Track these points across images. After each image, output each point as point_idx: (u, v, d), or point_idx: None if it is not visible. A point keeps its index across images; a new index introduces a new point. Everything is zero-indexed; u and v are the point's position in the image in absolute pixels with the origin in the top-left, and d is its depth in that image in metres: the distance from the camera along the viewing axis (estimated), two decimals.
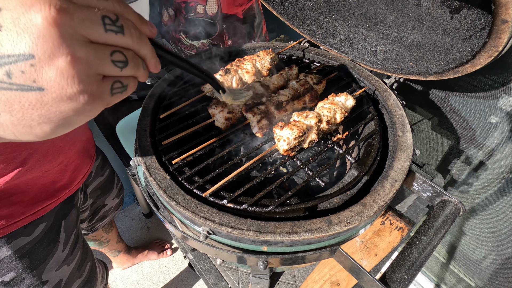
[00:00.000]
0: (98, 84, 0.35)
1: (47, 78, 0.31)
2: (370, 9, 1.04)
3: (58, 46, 0.30)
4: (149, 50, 0.40)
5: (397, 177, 0.71)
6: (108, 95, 0.37)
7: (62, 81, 0.31)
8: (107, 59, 0.35)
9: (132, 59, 0.38)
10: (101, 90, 0.35)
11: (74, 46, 0.31)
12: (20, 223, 0.80)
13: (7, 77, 0.30)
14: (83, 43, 0.32)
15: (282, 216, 0.65)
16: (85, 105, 0.34)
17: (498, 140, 1.13)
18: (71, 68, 0.31)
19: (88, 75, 0.33)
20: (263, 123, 0.78)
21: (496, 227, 1.29)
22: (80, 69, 0.32)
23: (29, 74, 0.30)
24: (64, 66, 0.31)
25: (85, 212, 1.22)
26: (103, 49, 0.34)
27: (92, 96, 0.34)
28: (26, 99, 0.32)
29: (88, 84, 0.33)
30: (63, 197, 0.93)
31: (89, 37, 0.33)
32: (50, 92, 0.32)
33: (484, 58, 0.74)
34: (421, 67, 0.94)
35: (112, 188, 1.34)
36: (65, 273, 0.95)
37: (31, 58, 0.30)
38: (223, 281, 1.13)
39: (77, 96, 0.33)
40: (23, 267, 0.82)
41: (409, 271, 0.59)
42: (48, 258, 0.88)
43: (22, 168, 0.74)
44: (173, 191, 0.67)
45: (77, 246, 1.01)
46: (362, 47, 1.10)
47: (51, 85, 0.31)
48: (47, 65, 0.30)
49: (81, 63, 0.32)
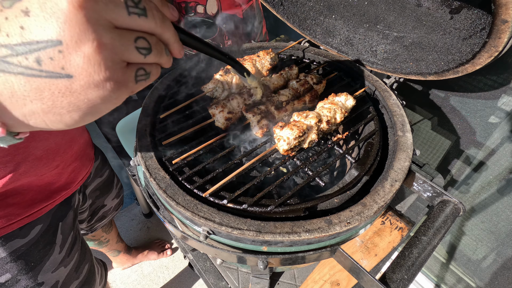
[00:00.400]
0: (123, 71, 0.34)
1: (75, 64, 0.31)
2: (370, 9, 1.04)
3: (84, 31, 0.30)
4: (172, 34, 0.39)
5: (397, 177, 0.71)
6: (132, 82, 0.36)
7: (89, 68, 0.31)
8: (131, 46, 0.34)
9: (155, 45, 0.37)
10: (126, 77, 0.35)
11: (99, 31, 0.31)
12: (15, 225, 0.79)
13: (37, 64, 0.30)
14: (108, 28, 0.32)
15: (282, 216, 0.65)
16: (111, 93, 0.34)
17: (498, 140, 1.13)
18: (98, 55, 0.31)
19: (114, 61, 0.33)
20: (263, 123, 0.78)
21: (496, 227, 1.29)
22: (106, 55, 0.32)
23: (57, 61, 0.30)
24: (91, 52, 0.31)
25: (84, 213, 1.22)
26: (128, 35, 0.34)
27: (117, 84, 0.34)
28: (55, 86, 0.31)
29: (114, 71, 0.33)
30: (60, 199, 0.92)
31: (113, 21, 0.32)
32: (78, 79, 0.32)
33: (484, 58, 0.74)
34: (421, 67, 0.94)
35: (111, 189, 1.33)
36: (61, 274, 0.94)
37: (59, 44, 0.29)
38: (223, 281, 1.13)
39: (104, 83, 0.33)
40: (18, 268, 0.82)
41: (409, 271, 0.59)
42: (44, 260, 0.88)
43: (16, 172, 0.74)
44: (173, 191, 0.67)
45: (74, 248, 1.01)
46: (362, 47, 1.10)
47: (79, 72, 0.31)
48: (75, 51, 0.30)
49: (106, 49, 0.32)
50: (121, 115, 1.43)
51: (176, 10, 0.42)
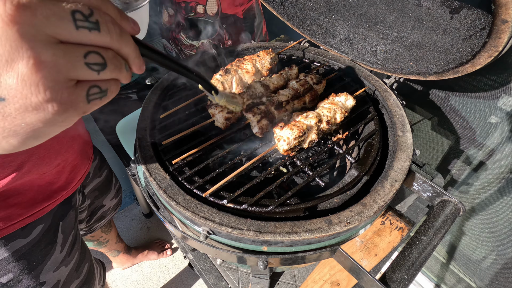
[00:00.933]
0: (69, 91, 0.30)
1: (7, 86, 0.27)
2: (370, 9, 1.04)
3: (17, 49, 0.26)
4: (132, 49, 0.36)
5: (397, 177, 0.71)
6: (83, 102, 0.32)
7: (24, 90, 0.27)
8: (79, 62, 0.30)
9: (112, 60, 0.33)
10: (74, 98, 0.31)
11: (37, 48, 0.27)
12: (17, 225, 0.79)
13: None
14: (49, 44, 0.28)
15: (282, 216, 0.65)
16: (56, 116, 0.30)
17: (498, 140, 1.13)
18: (34, 74, 0.27)
19: (56, 81, 0.29)
20: (263, 123, 0.78)
21: (496, 227, 1.29)
22: (45, 74, 0.28)
23: None
24: (26, 72, 0.27)
25: (83, 213, 1.22)
26: (75, 50, 0.30)
27: (63, 105, 0.30)
28: None
29: (56, 91, 0.29)
30: (60, 198, 0.92)
31: (57, 36, 0.28)
32: (12, 102, 0.28)
33: (484, 58, 0.74)
34: (421, 67, 0.94)
35: (110, 189, 1.33)
36: (63, 274, 0.94)
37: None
38: (223, 281, 1.13)
39: (44, 105, 0.29)
40: (20, 268, 0.82)
41: (409, 271, 0.59)
42: (45, 259, 0.88)
43: (19, 171, 0.74)
44: (173, 191, 0.67)
45: (75, 247, 1.01)
46: (362, 47, 1.10)
47: (12, 94, 0.28)
48: (5, 71, 0.27)
49: (46, 68, 0.28)
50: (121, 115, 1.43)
51: (137, 23, 0.38)
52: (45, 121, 0.30)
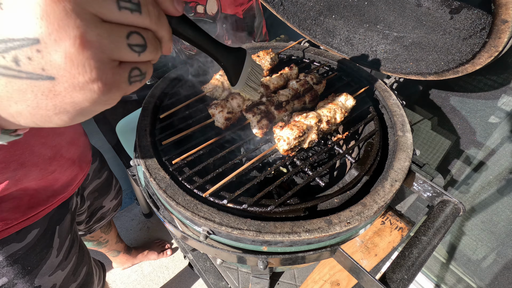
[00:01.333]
0: (113, 72, 0.31)
1: (56, 65, 0.27)
2: (370, 9, 1.04)
3: (64, 27, 0.26)
4: (167, 32, 0.36)
5: (397, 177, 0.71)
6: (125, 83, 0.33)
7: (72, 69, 0.28)
8: (122, 43, 0.30)
9: (151, 41, 0.33)
10: (117, 78, 0.31)
11: (83, 27, 0.27)
12: (12, 230, 0.79)
13: (15, 64, 0.27)
14: (94, 23, 0.28)
15: (282, 216, 0.65)
16: (101, 95, 0.31)
17: (498, 140, 1.13)
18: (81, 54, 0.28)
19: (102, 61, 0.29)
20: (263, 123, 0.78)
21: (496, 227, 1.29)
22: (91, 54, 0.28)
23: (37, 61, 0.27)
24: (73, 51, 0.27)
25: (82, 215, 1.21)
26: (118, 30, 0.30)
27: (107, 85, 0.31)
28: (38, 88, 0.29)
29: (102, 71, 0.29)
30: (57, 202, 0.91)
31: (100, 15, 0.28)
32: (61, 81, 0.28)
33: (484, 58, 0.74)
34: (421, 67, 0.94)
35: (110, 190, 1.33)
36: (59, 278, 0.94)
37: (36, 42, 0.26)
38: (223, 281, 1.13)
39: (91, 85, 0.29)
40: (15, 272, 0.81)
41: (409, 271, 0.59)
42: (41, 263, 0.87)
43: (12, 179, 0.73)
44: (173, 191, 0.67)
45: (72, 251, 1.00)
46: (362, 47, 1.10)
47: (61, 74, 0.28)
48: (54, 50, 0.27)
49: (92, 48, 0.28)
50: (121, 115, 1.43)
51: (181, 3, 0.37)
52: (91, 100, 0.31)
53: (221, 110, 0.81)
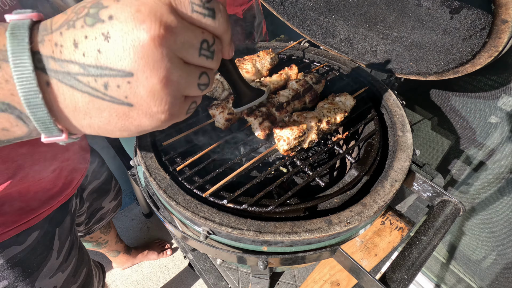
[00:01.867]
0: (180, 105, 0.35)
1: (139, 96, 0.31)
2: (370, 9, 1.04)
3: (157, 68, 0.30)
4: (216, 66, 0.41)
5: (397, 177, 0.71)
6: (184, 114, 0.37)
7: (151, 102, 0.32)
8: (195, 82, 0.35)
9: (212, 79, 0.38)
10: (181, 111, 0.36)
11: (170, 68, 0.31)
12: (12, 232, 0.78)
13: (104, 87, 0.31)
14: (179, 66, 0.32)
15: (282, 216, 0.65)
16: (164, 123, 0.35)
17: (498, 140, 1.13)
18: (163, 91, 0.32)
19: (175, 97, 0.34)
20: (264, 125, 0.78)
21: (496, 227, 1.29)
22: (170, 91, 0.32)
23: (123, 90, 0.31)
24: (157, 88, 0.31)
25: (81, 216, 1.21)
26: (194, 72, 0.34)
27: (172, 116, 0.35)
28: (115, 110, 0.32)
29: (173, 106, 0.34)
30: (57, 204, 0.91)
31: (184, 59, 0.33)
32: (137, 109, 0.33)
33: (484, 58, 0.74)
34: (421, 67, 0.94)
35: (109, 191, 1.33)
36: (59, 280, 0.93)
37: (129, 75, 0.30)
38: (223, 281, 1.13)
39: (160, 115, 0.34)
40: (15, 275, 0.81)
41: (409, 271, 0.59)
42: (41, 266, 0.87)
43: (13, 179, 0.73)
44: (173, 191, 0.67)
45: (72, 253, 1.00)
46: (362, 47, 1.10)
47: (140, 103, 0.32)
48: (142, 85, 0.31)
49: (172, 86, 0.32)
50: None
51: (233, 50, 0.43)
52: (154, 126, 0.36)
53: (221, 111, 0.81)
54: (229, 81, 0.56)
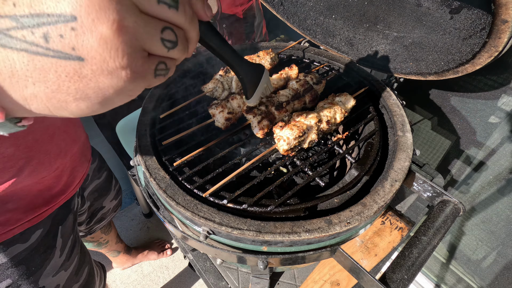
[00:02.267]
0: (143, 62, 0.30)
1: (88, 46, 0.27)
2: (370, 9, 1.04)
3: (104, 9, 0.26)
4: (196, 34, 0.36)
5: (397, 177, 0.71)
6: (151, 75, 0.33)
7: (104, 52, 0.27)
8: (157, 35, 0.30)
9: (182, 40, 0.33)
10: (145, 69, 0.31)
11: (122, 12, 0.27)
12: (16, 230, 0.79)
13: (44, 40, 0.26)
14: (133, 11, 0.28)
15: (282, 216, 0.65)
16: (127, 83, 0.30)
17: (498, 140, 1.13)
18: (116, 38, 0.27)
19: (134, 48, 0.29)
20: (263, 123, 0.78)
21: (496, 227, 1.29)
22: (126, 40, 0.28)
23: (68, 40, 0.26)
24: (109, 34, 0.26)
25: (82, 215, 1.21)
26: (154, 23, 0.30)
27: (135, 74, 0.30)
28: (63, 68, 0.27)
29: (133, 59, 0.29)
30: (59, 202, 0.91)
31: (139, 5, 0.28)
32: (90, 63, 0.27)
33: (484, 58, 0.74)
34: (421, 67, 0.94)
35: (109, 190, 1.33)
36: (62, 278, 0.94)
37: (72, 20, 0.25)
38: (223, 281, 1.13)
39: (120, 71, 0.29)
40: (19, 274, 0.81)
41: (409, 271, 0.59)
42: (44, 264, 0.87)
43: (18, 177, 0.73)
44: (173, 191, 0.67)
45: (74, 251, 1.00)
46: (362, 47, 1.10)
47: (92, 55, 0.27)
48: (90, 31, 0.26)
49: (128, 34, 0.28)
50: (121, 115, 1.43)
51: (210, 8, 0.38)
52: (116, 87, 0.30)
53: (221, 110, 0.81)
54: (218, 56, 0.48)
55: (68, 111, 0.31)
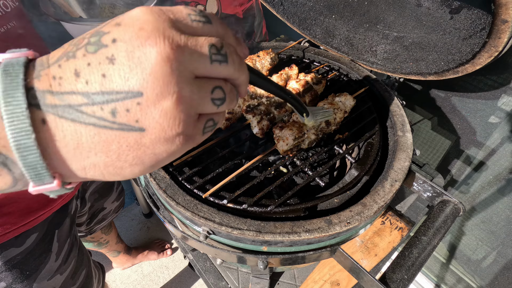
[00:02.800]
0: (194, 125, 0.31)
1: (150, 118, 0.28)
2: (370, 9, 1.04)
3: (168, 84, 0.27)
4: (246, 77, 0.35)
5: (397, 177, 0.71)
6: (200, 135, 0.33)
7: (164, 122, 0.28)
8: (207, 97, 0.31)
9: (229, 93, 0.33)
10: (195, 131, 0.32)
11: (181, 83, 0.28)
12: (11, 234, 0.78)
13: (111, 115, 0.27)
14: (190, 80, 0.29)
15: (282, 216, 0.65)
16: (179, 147, 0.31)
17: (498, 140, 1.13)
18: (175, 109, 0.28)
19: (189, 115, 0.30)
20: (263, 123, 0.78)
21: (496, 227, 1.29)
22: (183, 109, 0.29)
23: (133, 113, 0.27)
24: (169, 106, 0.28)
25: (83, 216, 1.21)
26: (206, 86, 0.31)
27: (187, 137, 0.31)
28: (125, 139, 0.28)
29: (187, 125, 0.30)
30: (56, 206, 0.91)
31: (195, 71, 0.29)
32: (150, 133, 0.29)
33: (484, 58, 0.74)
34: (421, 67, 0.94)
35: (111, 192, 1.33)
36: (57, 282, 0.93)
37: (139, 96, 0.27)
38: (223, 281, 1.13)
39: (175, 138, 0.30)
40: (13, 277, 0.81)
41: (409, 271, 0.59)
42: (40, 268, 0.87)
43: None
44: (173, 191, 0.67)
45: (71, 255, 1.00)
46: (362, 47, 1.10)
47: (152, 126, 0.28)
48: (153, 104, 0.27)
49: (185, 103, 0.29)
50: None
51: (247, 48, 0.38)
52: (169, 152, 0.31)
53: None
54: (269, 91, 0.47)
55: (121, 176, 0.32)
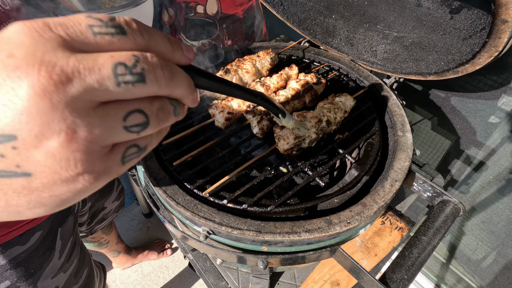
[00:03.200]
0: (103, 159, 0.26)
1: (34, 162, 0.24)
2: (370, 9, 1.04)
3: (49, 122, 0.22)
4: (184, 88, 0.30)
5: (397, 177, 0.71)
6: (117, 166, 0.28)
7: (54, 165, 0.24)
8: (117, 127, 0.26)
9: (155, 115, 0.28)
10: (108, 165, 0.27)
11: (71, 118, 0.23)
12: (15, 232, 0.79)
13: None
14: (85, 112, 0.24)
15: (282, 216, 0.65)
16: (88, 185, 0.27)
17: (498, 140, 1.13)
18: (65, 149, 0.23)
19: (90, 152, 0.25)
20: (263, 123, 0.78)
21: (496, 227, 1.29)
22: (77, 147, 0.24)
23: (11, 159, 0.23)
24: (56, 147, 0.23)
25: (84, 216, 1.21)
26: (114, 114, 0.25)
27: (95, 175, 0.26)
28: (8, 186, 0.24)
29: (89, 163, 0.25)
30: None
31: (95, 99, 0.24)
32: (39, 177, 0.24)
33: (484, 58, 0.74)
34: (421, 67, 0.94)
35: (111, 191, 1.33)
36: (61, 280, 0.94)
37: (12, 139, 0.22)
38: (223, 281, 1.13)
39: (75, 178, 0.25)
40: (18, 275, 0.81)
41: (409, 271, 0.59)
42: (43, 266, 0.87)
43: None
44: (173, 191, 0.67)
45: (74, 253, 1.00)
46: (362, 47, 1.10)
47: (40, 170, 0.24)
48: (34, 147, 0.23)
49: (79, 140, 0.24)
50: None
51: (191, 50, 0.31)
52: (75, 191, 0.27)
53: (221, 110, 0.81)
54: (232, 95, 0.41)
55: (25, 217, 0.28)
